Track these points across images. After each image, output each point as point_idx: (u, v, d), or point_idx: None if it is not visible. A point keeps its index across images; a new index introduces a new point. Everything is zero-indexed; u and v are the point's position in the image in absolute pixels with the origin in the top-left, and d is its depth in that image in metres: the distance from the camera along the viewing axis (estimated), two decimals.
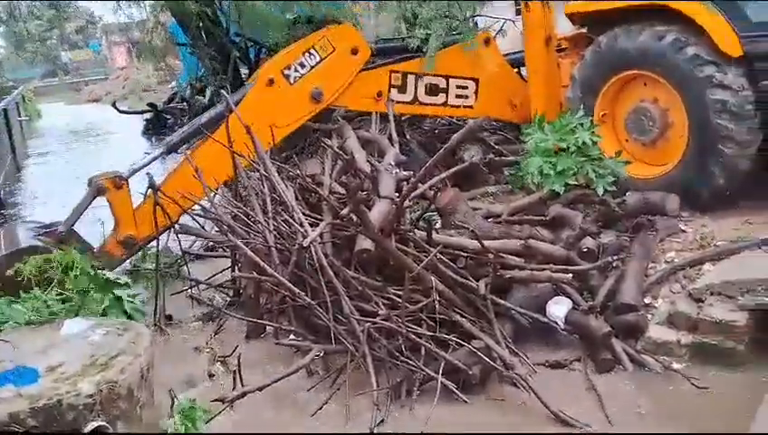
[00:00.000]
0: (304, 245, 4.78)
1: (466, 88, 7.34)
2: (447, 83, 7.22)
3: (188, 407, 4.12)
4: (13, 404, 3.59)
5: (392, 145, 6.16)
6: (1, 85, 23.32)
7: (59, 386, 3.72)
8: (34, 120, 27.36)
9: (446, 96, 7.26)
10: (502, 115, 7.70)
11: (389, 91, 6.98)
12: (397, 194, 4.93)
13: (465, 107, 7.38)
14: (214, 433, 3.98)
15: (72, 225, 5.86)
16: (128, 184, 6.04)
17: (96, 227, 6.54)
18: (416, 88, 7.11)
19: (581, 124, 5.84)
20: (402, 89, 7.07)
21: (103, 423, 3.70)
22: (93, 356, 3.99)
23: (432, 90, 7.18)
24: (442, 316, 4.49)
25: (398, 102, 7.04)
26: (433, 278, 4.49)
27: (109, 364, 3.90)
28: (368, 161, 5.73)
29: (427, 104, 7.22)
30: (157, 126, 18.81)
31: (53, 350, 4.14)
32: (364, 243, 4.63)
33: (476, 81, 7.35)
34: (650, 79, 5.93)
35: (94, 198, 5.96)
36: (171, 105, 19.92)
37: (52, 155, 18.33)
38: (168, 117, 18.86)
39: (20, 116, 21.72)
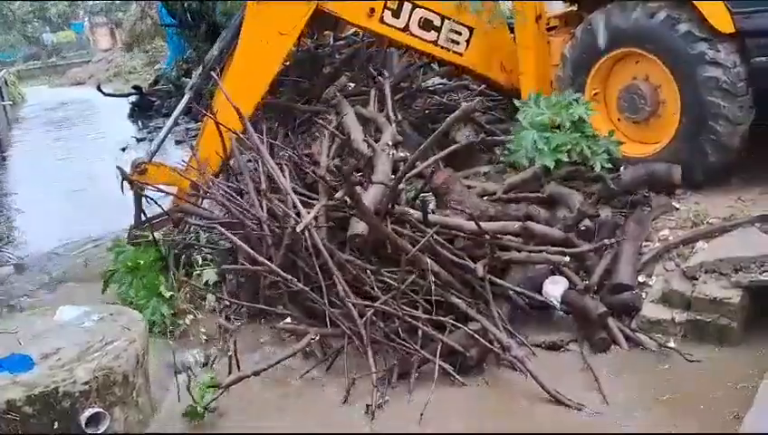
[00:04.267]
0: (297, 230, 4.75)
1: (460, 34, 7.20)
2: (442, 22, 7.07)
3: (208, 383, 4.11)
4: (8, 392, 3.58)
5: (390, 124, 6.07)
6: None
7: (55, 373, 3.72)
8: (19, 103, 27.02)
9: (438, 35, 7.10)
10: (488, 72, 7.61)
11: (383, 11, 6.83)
12: (392, 176, 4.89)
13: (454, 52, 7.24)
14: (213, 433, 3.93)
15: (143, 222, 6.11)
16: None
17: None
18: (410, 17, 6.94)
19: (576, 100, 5.81)
20: (396, 13, 6.89)
21: (100, 410, 3.69)
22: (88, 343, 3.98)
23: (425, 24, 7.03)
24: (438, 298, 4.48)
25: (389, 26, 6.89)
26: (429, 260, 4.47)
27: (104, 350, 3.89)
28: (365, 140, 5.67)
29: (416, 37, 7.05)
30: (143, 109, 18.61)
31: (48, 336, 4.11)
32: (357, 227, 4.61)
33: (471, 30, 7.23)
34: (642, 57, 5.89)
35: (141, 190, 6.13)
36: (157, 87, 19.72)
37: (37, 140, 18.11)
38: (154, 99, 18.65)
39: (3, 100, 21.42)
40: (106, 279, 5.74)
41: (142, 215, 6.22)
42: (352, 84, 8.50)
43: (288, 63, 8.12)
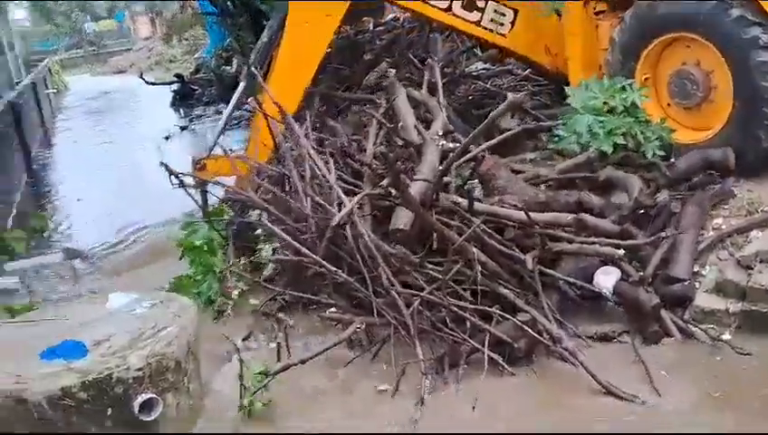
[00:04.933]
0: (335, 220, 4.75)
1: (504, 15, 7.09)
2: (486, 3, 7.00)
3: (261, 371, 4.16)
4: (63, 378, 3.63)
5: (441, 110, 5.95)
6: (29, 59, 23.45)
7: (108, 360, 3.76)
8: (63, 92, 27.53)
9: (481, 16, 7.01)
10: (533, 55, 7.51)
11: None
12: (439, 166, 4.84)
13: (498, 34, 7.13)
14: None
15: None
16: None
17: None
18: None
19: (630, 85, 5.69)
20: None
21: (153, 396, 3.74)
22: (140, 329, 4.02)
23: (468, 4, 6.95)
24: (485, 288, 4.42)
25: (431, 5, 6.85)
26: (475, 250, 4.42)
27: (156, 337, 3.93)
28: (416, 127, 5.61)
29: (459, 17, 6.98)
30: (184, 97, 18.84)
31: (100, 323, 4.17)
32: (400, 220, 4.56)
33: (516, 11, 7.15)
34: (693, 41, 5.75)
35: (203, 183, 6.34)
36: (198, 76, 19.93)
37: (81, 128, 18.42)
38: (196, 88, 18.87)
39: (48, 89, 21.85)
40: (183, 247, 5.98)
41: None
42: (393, 70, 8.46)
43: (328, 51, 8.13)
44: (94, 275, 6.93)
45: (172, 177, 6.09)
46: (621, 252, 4.45)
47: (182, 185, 6.14)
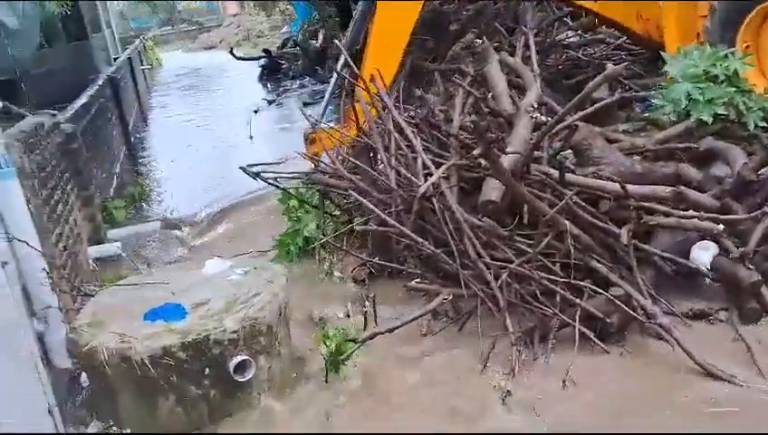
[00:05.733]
0: (422, 190, 4.74)
1: None
2: None
3: (341, 336, 4.22)
4: (164, 339, 3.81)
5: (535, 80, 5.79)
6: (125, 36, 24.34)
7: (206, 322, 3.92)
8: (156, 68, 28.48)
9: None
10: (624, 21, 7.33)
11: None
12: (531, 139, 4.76)
13: None
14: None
15: None
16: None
17: None
18: None
19: (732, 53, 5.42)
20: None
21: (247, 358, 3.87)
22: (235, 295, 4.16)
23: None
24: (577, 262, 4.33)
25: None
26: (567, 222, 4.32)
27: (250, 302, 4.06)
28: (510, 96, 5.50)
29: None
30: (272, 71, 19.16)
31: (198, 288, 4.34)
32: (490, 193, 4.47)
33: None
34: None
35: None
36: (285, 50, 20.21)
37: (175, 103, 19.03)
38: (283, 62, 19.16)
39: (142, 65, 22.65)
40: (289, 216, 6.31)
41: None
42: (479, 41, 8.33)
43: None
44: (192, 243, 7.19)
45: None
46: (721, 227, 4.25)
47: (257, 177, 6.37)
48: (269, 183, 6.48)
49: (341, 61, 6.65)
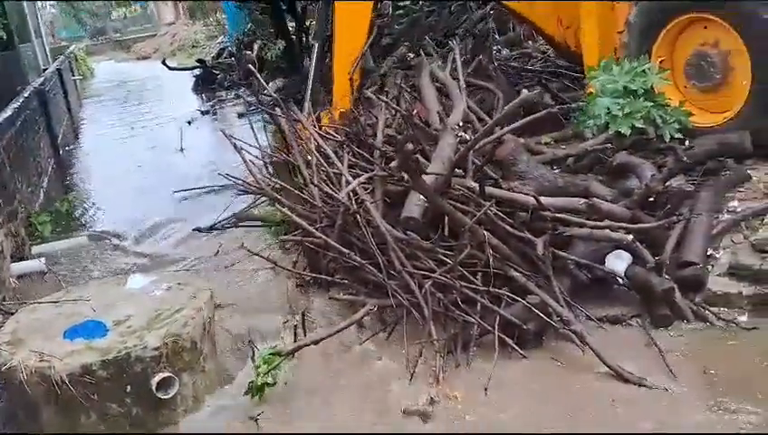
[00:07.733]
0: (340, 196, 4.82)
1: None
2: None
3: (270, 355, 4.19)
4: (84, 356, 3.77)
5: (462, 96, 5.96)
6: (55, 45, 23.71)
7: (126, 339, 3.89)
8: (88, 78, 27.81)
9: None
10: (544, 26, 7.53)
11: None
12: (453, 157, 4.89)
13: None
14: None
15: None
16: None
17: None
18: None
19: (650, 68, 5.67)
20: None
21: (170, 375, 3.85)
22: (158, 311, 4.14)
23: None
24: (496, 271, 4.46)
25: None
26: (486, 233, 4.45)
27: (173, 318, 4.05)
28: (438, 113, 5.63)
29: None
30: (206, 81, 18.94)
31: (120, 305, 4.29)
32: (413, 210, 4.59)
33: None
34: (711, 22, 5.69)
35: None
36: (220, 60, 20.02)
37: (106, 114, 18.62)
38: (218, 72, 18.96)
39: (73, 75, 22.08)
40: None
41: None
42: (411, 55, 8.47)
43: None
44: (118, 258, 7.05)
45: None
46: (630, 237, 4.45)
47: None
48: (226, 228, 6.52)
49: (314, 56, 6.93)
